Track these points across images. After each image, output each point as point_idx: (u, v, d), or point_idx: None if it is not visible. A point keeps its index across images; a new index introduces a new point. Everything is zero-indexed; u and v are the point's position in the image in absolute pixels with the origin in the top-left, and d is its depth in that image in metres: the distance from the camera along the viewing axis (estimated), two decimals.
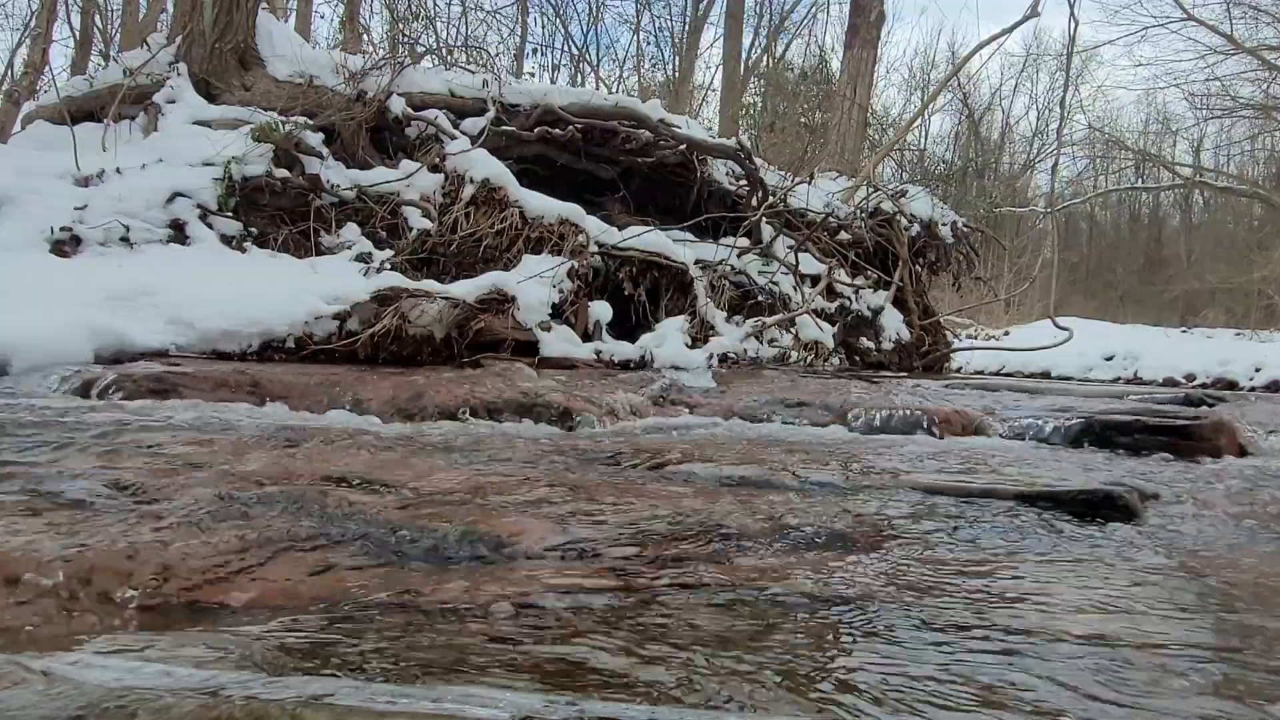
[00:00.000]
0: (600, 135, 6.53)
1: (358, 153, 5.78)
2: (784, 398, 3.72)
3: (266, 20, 6.76)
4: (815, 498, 2.11)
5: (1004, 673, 1.12)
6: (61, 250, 4.45)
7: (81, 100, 6.14)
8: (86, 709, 0.84)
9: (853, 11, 13.48)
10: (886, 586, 1.48)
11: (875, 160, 12.54)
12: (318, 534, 1.58)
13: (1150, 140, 29.51)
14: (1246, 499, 2.33)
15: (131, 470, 1.96)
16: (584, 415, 3.30)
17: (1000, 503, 2.08)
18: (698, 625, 1.26)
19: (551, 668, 1.08)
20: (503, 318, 4.59)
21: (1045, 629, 1.28)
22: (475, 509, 1.82)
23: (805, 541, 1.74)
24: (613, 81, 18.81)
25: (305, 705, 0.86)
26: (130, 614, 1.24)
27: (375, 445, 2.52)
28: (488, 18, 14.98)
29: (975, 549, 1.74)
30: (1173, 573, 1.63)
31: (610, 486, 2.13)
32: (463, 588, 1.38)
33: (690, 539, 1.70)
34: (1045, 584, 1.53)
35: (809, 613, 1.34)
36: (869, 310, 6.62)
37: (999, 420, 3.45)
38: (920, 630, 1.27)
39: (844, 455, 2.75)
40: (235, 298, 4.11)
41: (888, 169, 18.97)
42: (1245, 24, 19.29)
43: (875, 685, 1.07)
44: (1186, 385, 10.43)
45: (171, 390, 3.10)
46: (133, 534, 1.48)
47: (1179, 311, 23.02)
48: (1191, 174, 24.70)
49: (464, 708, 0.89)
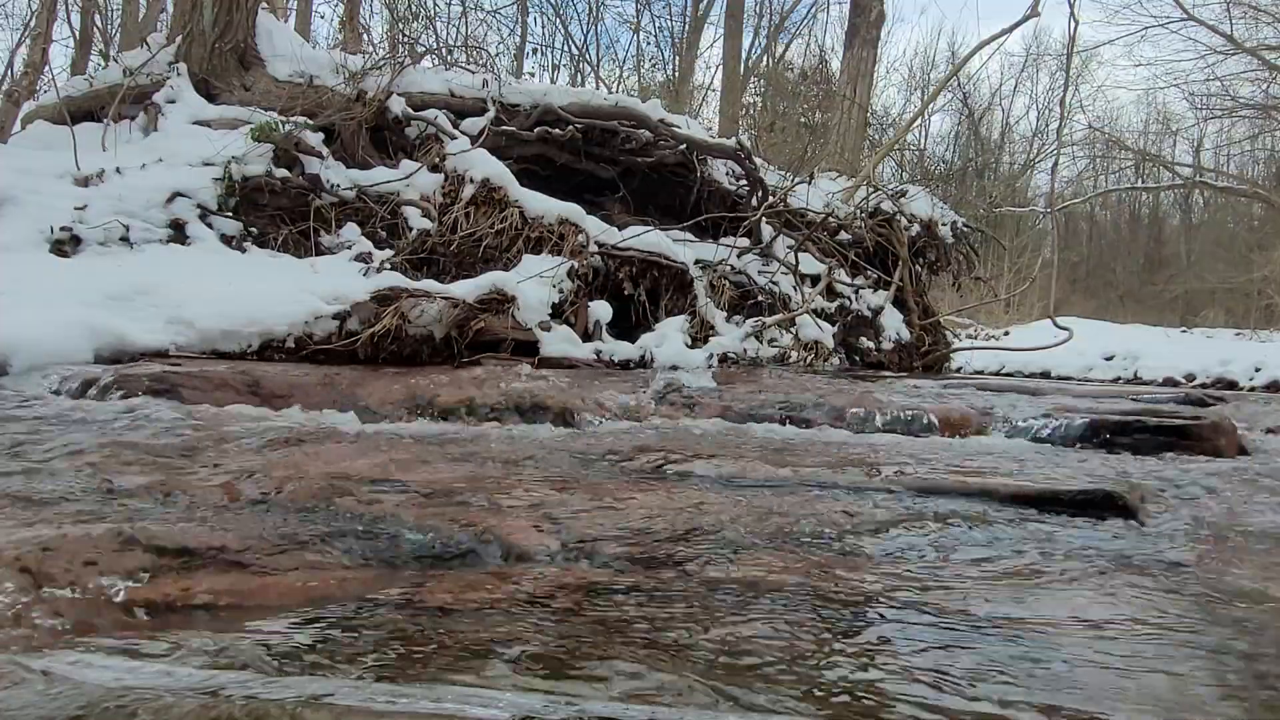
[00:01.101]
0: (600, 135, 6.53)
1: (358, 153, 5.78)
2: (784, 398, 3.72)
3: (266, 20, 6.76)
4: (815, 497, 2.11)
5: (1002, 667, 1.12)
6: (61, 250, 4.44)
7: (81, 100, 6.13)
8: (86, 709, 0.84)
9: (853, 11, 13.48)
10: (886, 586, 1.48)
11: (875, 160, 12.53)
12: (318, 533, 1.58)
13: (1150, 140, 29.52)
14: (1246, 498, 2.33)
15: (131, 470, 1.97)
16: (584, 415, 3.31)
17: (1000, 502, 2.08)
18: (697, 623, 1.26)
19: (552, 667, 1.08)
20: (503, 318, 4.59)
21: (1045, 629, 1.28)
22: (475, 509, 1.82)
23: (805, 541, 1.74)
24: (613, 81, 18.81)
25: (305, 705, 0.86)
26: (130, 613, 1.24)
27: (373, 444, 2.52)
28: (488, 18, 14.99)
29: (975, 548, 1.74)
30: (1172, 572, 1.63)
31: (610, 486, 2.13)
32: (463, 588, 1.38)
33: (690, 539, 1.70)
34: (1046, 584, 1.53)
35: (809, 611, 1.34)
36: (869, 310, 6.62)
37: (999, 420, 3.45)
38: (921, 627, 1.27)
39: (844, 455, 2.75)
40: (235, 297, 4.11)
41: (888, 169, 18.99)
42: (1245, 24, 19.29)
43: (874, 683, 1.07)
44: (1186, 385, 10.42)
45: (171, 390, 3.10)
46: (133, 533, 1.48)
47: (1179, 311, 23.01)
48: (1191, 174, 24.67)
49: (464, 708, 0.89)
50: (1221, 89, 20.61)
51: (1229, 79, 20.22)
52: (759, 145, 9.24)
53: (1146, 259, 30.32)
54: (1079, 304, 21.89)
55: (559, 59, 18.34)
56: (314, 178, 5.34)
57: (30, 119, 6.19)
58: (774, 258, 6.35)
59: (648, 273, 5.54)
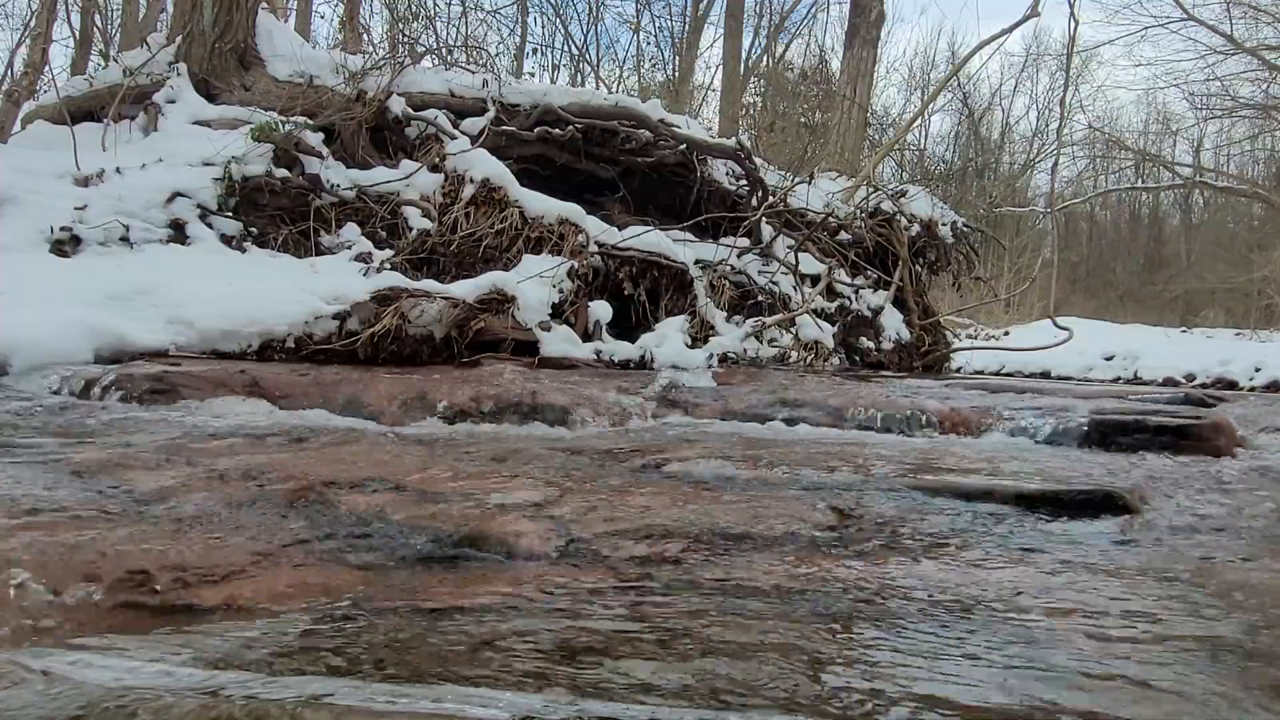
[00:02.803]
0: (600, 135, 6.53)
1: (358, 153, 5.78)
2: (784, 397, 3.71)
3: (266, 20, 6.76)
4: (815, 497, 2.11)
5: (1003, 667, 1.12)
6: (61, 250, 4.44)
7: (81, 100, 6.13)
8: (86, 709, 0.84)
9: (853, 11, 13.49)
10: (887, 586, 1.48)
11: (875, 160, 12.54)
12: (316, 533, 1.58)
13: (1150, 140, 29.52)
14: (1246, 498, 2.33)
15: (130, 469, 1.97)
16: (584, 415, 3.30)
17: (1001, 502, 2.08)
18: (696, 623, 1.26)
19: (552, 667, 1.08)
20: (503, 317, 4.59)
21: (1046, 628, 1.28)
22: (475, 508, 1.82)
23: (806, 541, 1.74)
24: (613, 81, 18.81)
25: (305, 705, 0.86)
26: (130, 613, 1.23)
27: (374, 445, 2.52)
28: (488, 18, 14.99)
29: (975, 548, 1.74)
30: (1172, 571, 1.62)
31: (609, 486, 2.13)
32: (463, 587, 1.38)
33: (689, 539, 1.70)
34: (1045, 584, 1.53)
35: (810, 611, 1.34)
36: (869, 310, 6.62)
37: (999, 420, 3.45)
38: (922, 627, 1.27)
39: (844, 455, 2.75)
40: (235, 297, 4.11)
41: (888, 169, 18.99)
42: (1245, 24, 19.28)
43: (875, 683, 1.07)
44: (1186, 385, 10.42)
45: (171, 390, 3.10)
46: (133, 532, 1.48)
47: (1179, 311, 23.01)
48: (1191, 174, 24.67)
49: (464, 708, 0.89)
50: (1221, 89, 20.63)
51: (1229, 79, 20.24)
52: (759, 145, 9.25)
53: (1146, 259, 30.32)
54: (1079, 304, 21.90)
55: (559, 59, 18.35)
56: (314, 178, 5.34)
57: (30, 119, 6.20)
58: (774, 258, 6.36)
59: (648, 273, 5.54)
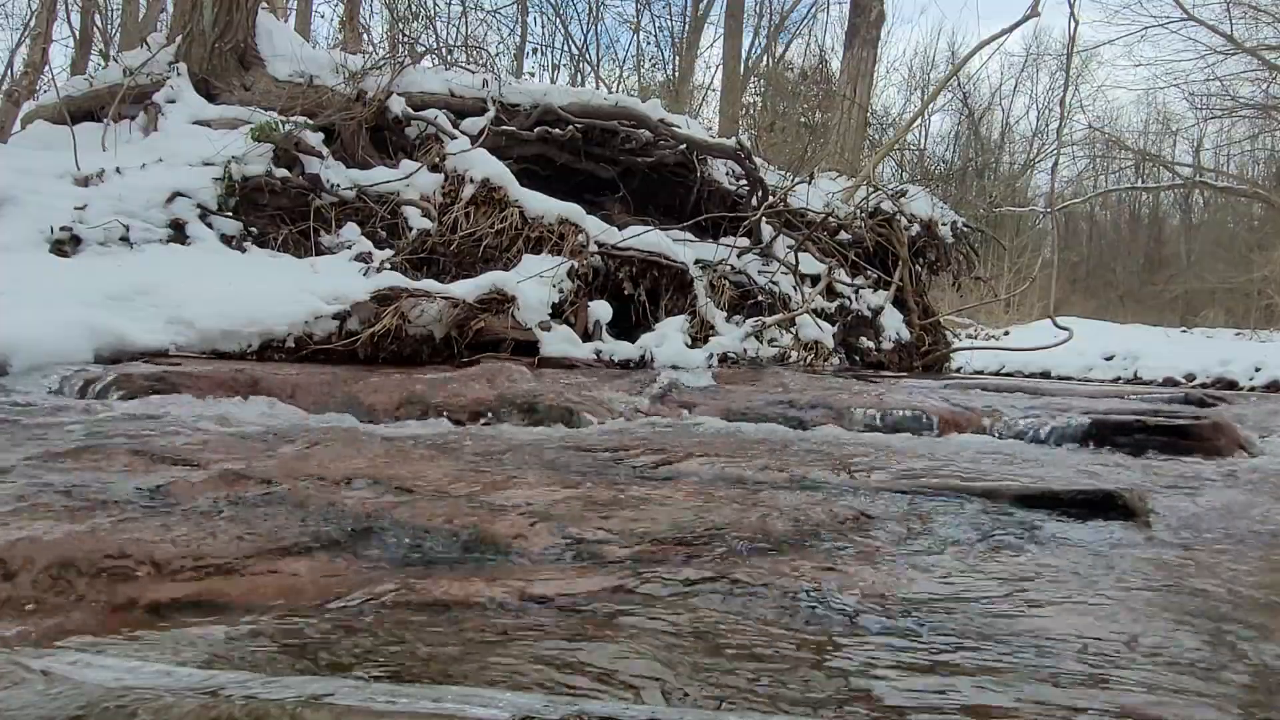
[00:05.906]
0: (600, 135, 6.53)
1: (358, 152, 5.78)
2: (784, 397, 3.71)
3: (266, 20, 6.76)
4: (815, 497, 2.11)
5: (1004, 667, 1.12)
6: (61, 250, 4.44)
7: (81, 100, 6.13)
8: (86, 709, 0.84)
9: (853, 11, 13.50)
10: (888, 586, 1.47)
11: (875, 160, 12.54)
12: (316, 533, 1.57)
13: (1150, 140, 29.51)
14: (1246, 498, 2.33)
15: (130, 469, 1.96)
16: (584, 415, 3.30)
17: (1001, 502, 2.08)
18: (694, 622, 1.26)
19: (552, 667, 1.08)
20: (503, 317, 4.59)
21: (1046, 627, 1.28)
22: (475, 508, 1.81)
23: (806, 540, 1.74)
24: (613, 81, 18.81)
25: (305, 705, 0.85)
26: (129, 614, 1.23)
27: (374, 445, 2.52)
28: (488, 18, 15.01)
29: (975, 549, 1.74)
30: (1172, 572, 1.62)
31: (610, 486, 2.13)
32: (464, 587, 1.37)
33: (689, 539, 1.70)
34: (1045, 584, 1.53)
35: (810, 611, 1.33)
36: (869, 310, 6.62)
37: (999, 420, 3.45)
38: (922, 627, 1.27)
39: (844, 455, 2.75)
40: (235, 297, 4.11)
41: (888, 169, 19.00)
42: (1245, 24, 19.28)
43: (876, 683, 1.07)
44: (1186, 385, 10.42)
45: (171, 390, 3.09)
46: (135, 532, 1.48)
47: (1179, 311, 23.00)
48: (1191, 174, 24.67)
49: (464, 708, 0.88)
50: (1221, 89, 20.63)
51: (1229, 79, 20.24)
52: (759, 145, 9.25)
53: (1146, 259, 30.32)
54: (1079, 304, 21.89)
55: (559, 59, 18.36)
56: (314, 178, 5.34)
57: (30, 119, 6.20)
58: (774, 258, 6.36)
59: (648, 273, 5.54)
